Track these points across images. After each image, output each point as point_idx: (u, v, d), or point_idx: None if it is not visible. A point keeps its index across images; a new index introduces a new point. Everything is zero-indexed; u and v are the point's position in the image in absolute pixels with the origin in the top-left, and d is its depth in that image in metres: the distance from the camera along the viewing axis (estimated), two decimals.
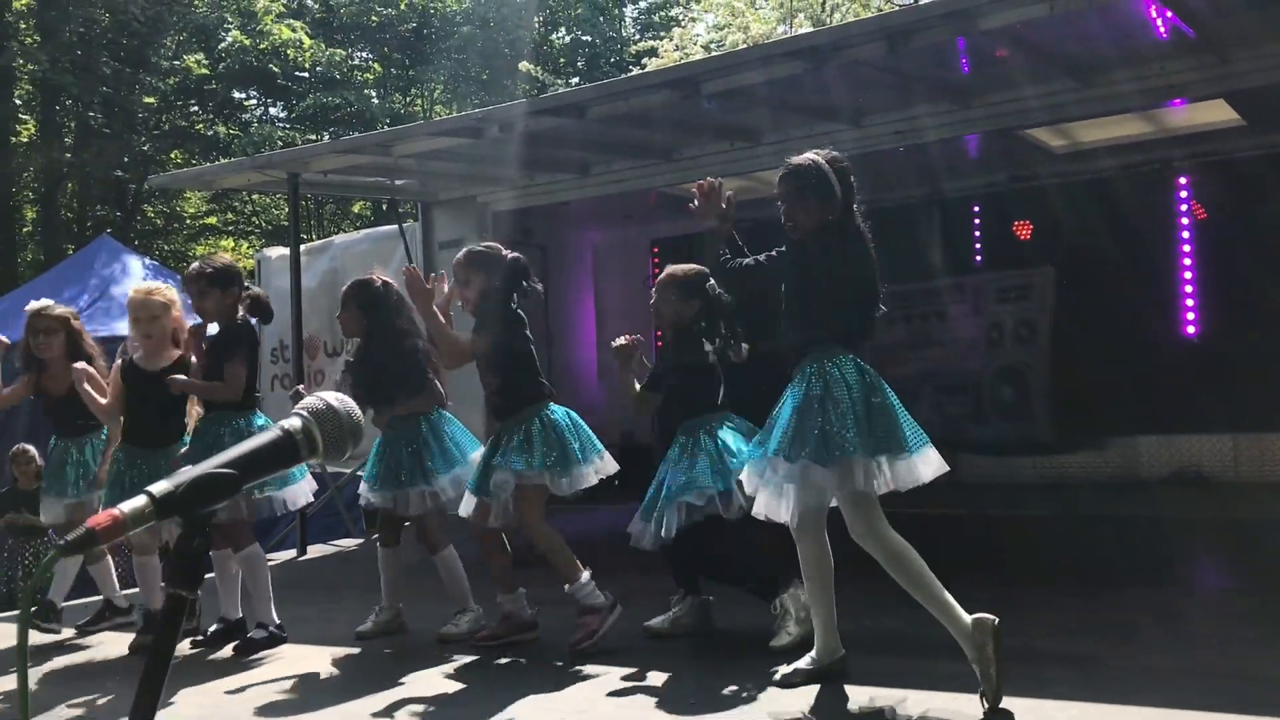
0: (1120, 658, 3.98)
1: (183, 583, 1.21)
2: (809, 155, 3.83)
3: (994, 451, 8.94)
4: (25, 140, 18.91)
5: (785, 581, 4.36)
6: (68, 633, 5.56)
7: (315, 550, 8.29)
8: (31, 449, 8.30)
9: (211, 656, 4.94)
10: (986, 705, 3.37)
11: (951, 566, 3.67)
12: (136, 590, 5.38)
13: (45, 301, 5.69)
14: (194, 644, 5.09)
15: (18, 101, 18.69)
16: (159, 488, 1.19)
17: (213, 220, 22.08)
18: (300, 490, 5.12)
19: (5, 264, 18.33)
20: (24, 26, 18.13)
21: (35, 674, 4.79)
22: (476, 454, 4.96)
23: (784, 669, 3.83)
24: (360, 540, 8.68)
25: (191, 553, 1.22)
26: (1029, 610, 4.67)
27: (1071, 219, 8.49)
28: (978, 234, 9.40)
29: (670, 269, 4.83)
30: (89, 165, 18.08)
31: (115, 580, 5.84)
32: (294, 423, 1.30)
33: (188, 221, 21.58)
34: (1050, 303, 8.81)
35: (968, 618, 3.45)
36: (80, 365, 5.28)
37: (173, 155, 19.07)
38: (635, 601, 4.83)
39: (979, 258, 9.37)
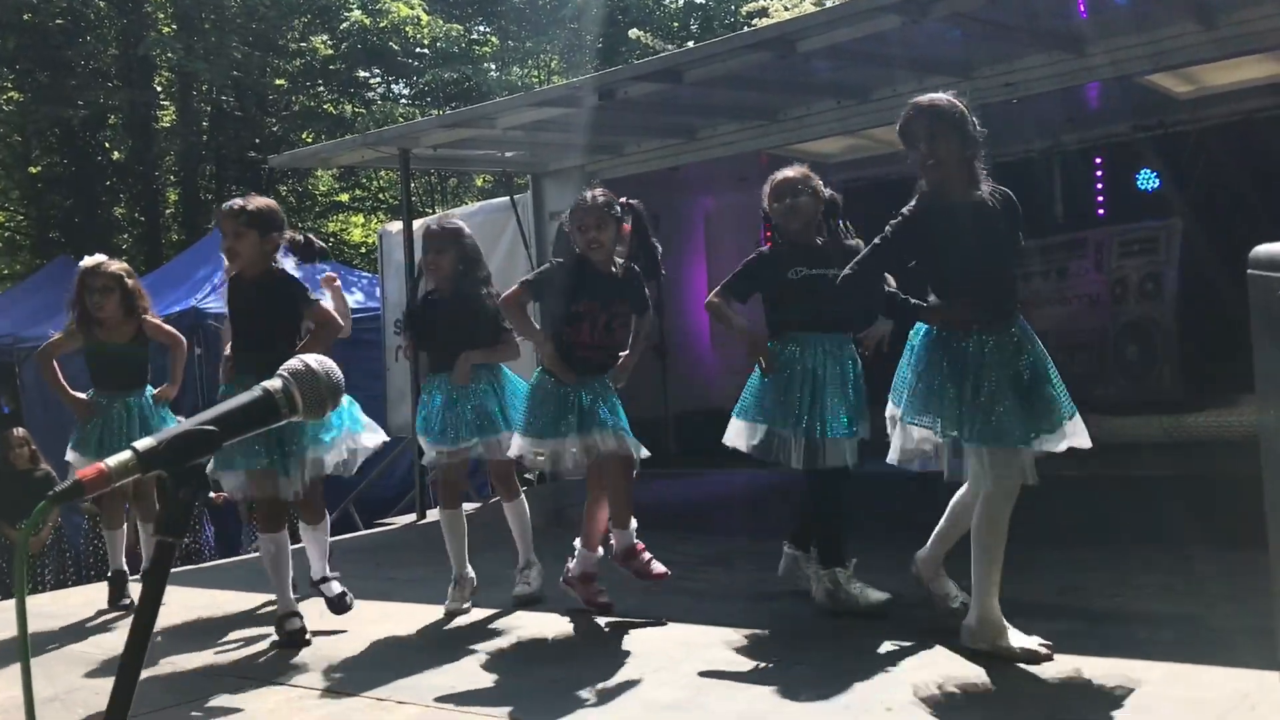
0: (1220, 618, 3.85)
1: (170, 530, 1.30)
2: (935, 94, 3.79)
3: (1119, 411, 8.65)
4: (166, 126, 19.75)
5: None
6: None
7: (434, 514, 8.53)
8: (25, 431, 8.67)
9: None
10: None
11: (1066, 527, 3.61)
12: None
13: (99, 258, 5.60)
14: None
15: (158, 89, 19.52)
16: (143, 443, 1.28)
17: (343, 197, 22.75)
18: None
19: (150, 244, 19.25)
20: (161, 17, 18.90)
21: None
22: None
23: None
24: (478, 504, 8.91)
25: (178, 502, 1.31)
26: (1134, 571, 4.55)
27: (1199, 168, 8.14)
28: (1100, 186, 9.08)
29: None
30: (224, 148, 18.82)
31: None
32: (274, 383, 1.37)
33: (319, 199, 22.28)
34: (1177, 256, 8.47)
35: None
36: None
37: (303, 135, 19.67)
38: (740, 563, 4.86)
39: (1101, 211, 9.06)
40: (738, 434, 4.44)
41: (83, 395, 5.63)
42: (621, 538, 4.64)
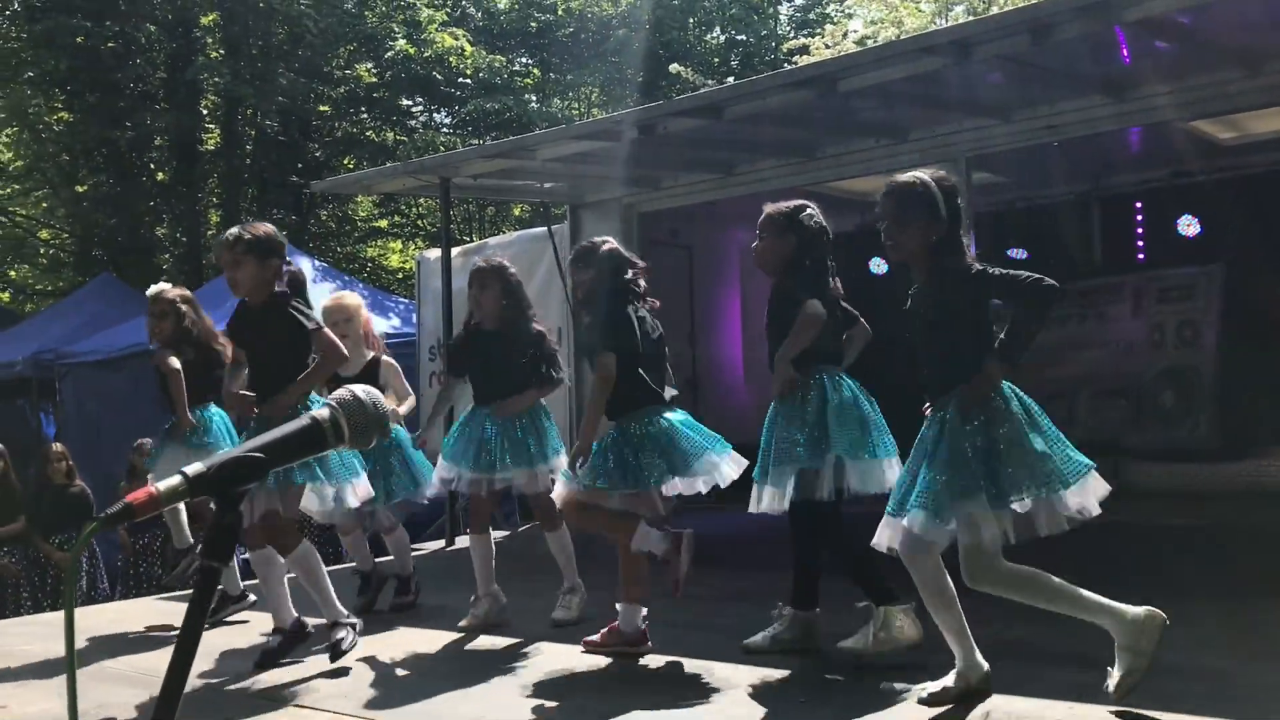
0: (1254, 674, 3.80)
1: (214, 555, 1.32)
2: (914, 173, 3.76)
3: (1153, 458, 8.57)
4: (210, 148, 20.06)
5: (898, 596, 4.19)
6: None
7: (464, 541, 8.55)
8: (62, 447, 8.81)
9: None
10: (1115, 694, 3.33)
11: (1095, 575, 3.58)
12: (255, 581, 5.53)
13: (162, 286, 5.96)
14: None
15: (204, 112, 19.84)
16: (193, 468, 1.31)
17: (382, 223, 23.00)
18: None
19: (191, 263, 19.49)
20: (210, 42, 19.24)
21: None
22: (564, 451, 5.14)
23: (931, 686, 3.67)
24: (508, 533, 8.92)
25: (224, 527, 1.34)
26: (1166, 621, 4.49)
27: (1240, 215, 8.08)
28: (1139, 231, 9.04)
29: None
30: (267, 172, 19.07)
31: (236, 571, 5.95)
32: (323, 412, 1.40)
33: (358, 224, 22.52)
34: (1217, 303, 8.40)
35: (1132, 608, 3.43)
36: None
37: (345, 161, 19.92)
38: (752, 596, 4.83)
39: (1141, 256, 9.01)
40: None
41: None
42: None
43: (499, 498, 5.42)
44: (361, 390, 1.46)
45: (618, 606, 4.64)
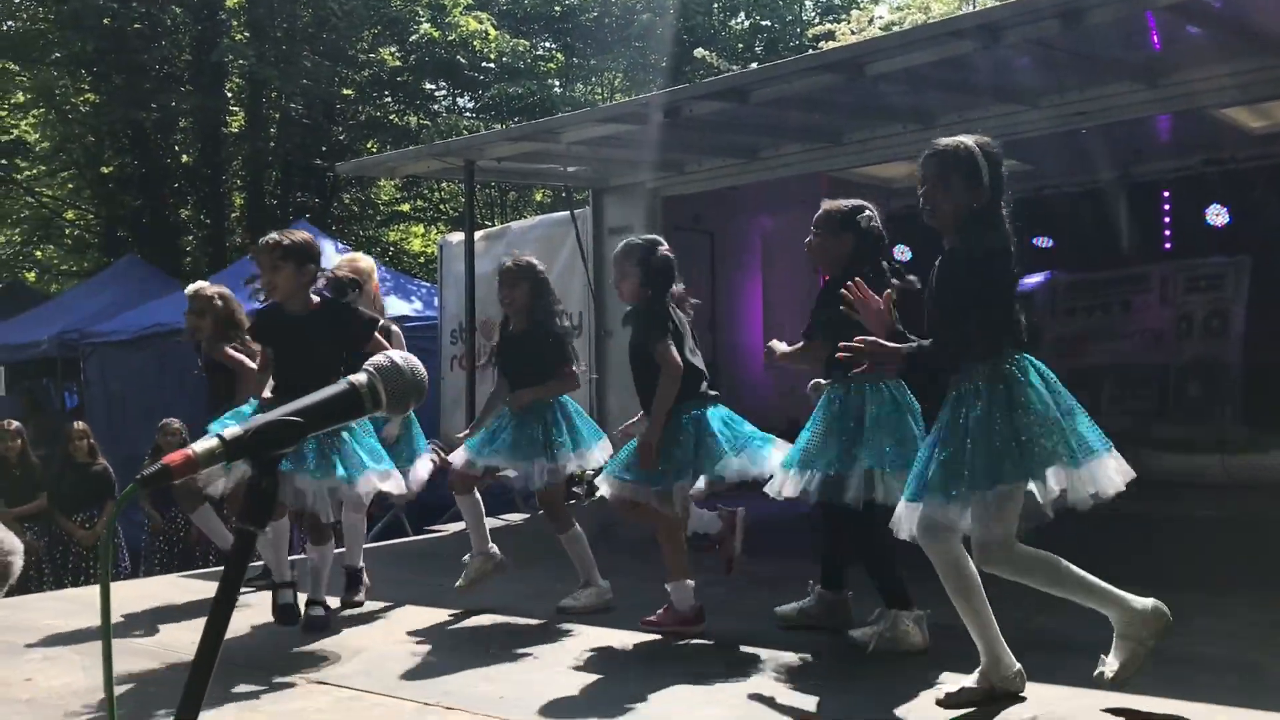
0: None
1: (251, 520, 1.32)
2: (960, 137, 3.61)
3: (1179, 449, 8.49)
4: (235, 131, 20.12)
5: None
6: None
7: (493, 523, 8.56)
8: (84, 425, 8.88)
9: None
10: (1111, 681, 3.31)
11: (1122, 566, 3.54)
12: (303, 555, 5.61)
13: (200, 284, 6.04)
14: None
15: (228, 95, 19.89)
16: (229, 431, 1.30)
17: (405, 207, 23.03)
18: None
19: (215, 245, 19.59)
20: (235, 25, 19.28)
21: None
22: (602, 443, 5.16)
23: (949, 686, 3.58)
24: (527, 515, 8.94)
25: (261, 491, 1.33)
26: (1193, 613, 4.45)
27: (1271, 205, 8.00)
28: (1168, 220, 8.96)
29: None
30: (291, 154, 19.11)
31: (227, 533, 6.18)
32: (360, 378, 1.39)
33: (381, 208, 22.55)
34: (1244, 293, 8.31)
35: (1140, 599, 3.38)
36: None
37: (368, 145, 19.94)
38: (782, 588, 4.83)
39: (1168, 245, 8.93)
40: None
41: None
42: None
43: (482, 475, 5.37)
44: (399, 356, 1.44)
45: (667, 588, 4.67)
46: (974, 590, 3.51)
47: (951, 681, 3.61)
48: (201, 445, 1.29)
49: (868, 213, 4.43)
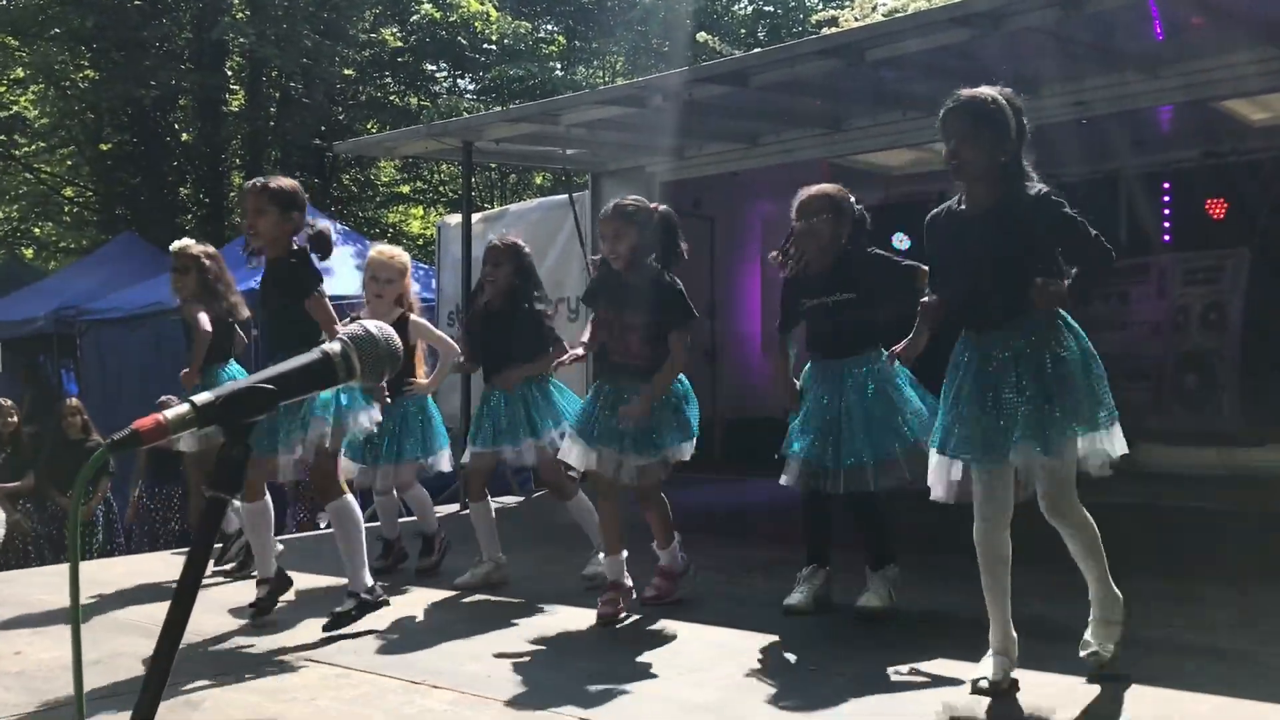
0: (1273, 655, 3.76)
1: (221, 486, 1.31)
2: (985, 89, 3.49)
3: (1175, 441, 8.49)
4: (234, 110, 20.06)
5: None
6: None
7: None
8: (78, 401, 8.87)
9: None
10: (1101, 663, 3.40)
11: (1116, 556, 3.54)
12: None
13: (186, 241, 5.92)
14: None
15: (228, 73, 19.82)
16: (201, 397, 1.29)
17: (404, 189, 22.98)
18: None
19: (214, 224, 19.54)
20: (235, 3, 19.21)
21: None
22: None
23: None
24: (522, 498, 8.94)
25: (232, 460, 1.32)
26: (1183, 603, 4.47)
27: (1270, 198, 7.97)
28: (1166, 212, 8.92)
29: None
30: (290, 134, 19.06)
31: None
32: (334, 346, 1.38)
33: (380, 189, 22.50)
34: (1243, 286, 8.29)
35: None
36: None
37: (368, 125, 19.88)
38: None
39: (1167, 237, 8.89)
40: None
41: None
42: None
43: (492, 466, 5.48)
44: (374, 325, 1.43)
45: (660, 554, 4.83)
46: (1005, 570, 3.43)
47: (941, 665, 3.63)
48: (173, 412, 1.28)
49: (850, 196, 4.64)
